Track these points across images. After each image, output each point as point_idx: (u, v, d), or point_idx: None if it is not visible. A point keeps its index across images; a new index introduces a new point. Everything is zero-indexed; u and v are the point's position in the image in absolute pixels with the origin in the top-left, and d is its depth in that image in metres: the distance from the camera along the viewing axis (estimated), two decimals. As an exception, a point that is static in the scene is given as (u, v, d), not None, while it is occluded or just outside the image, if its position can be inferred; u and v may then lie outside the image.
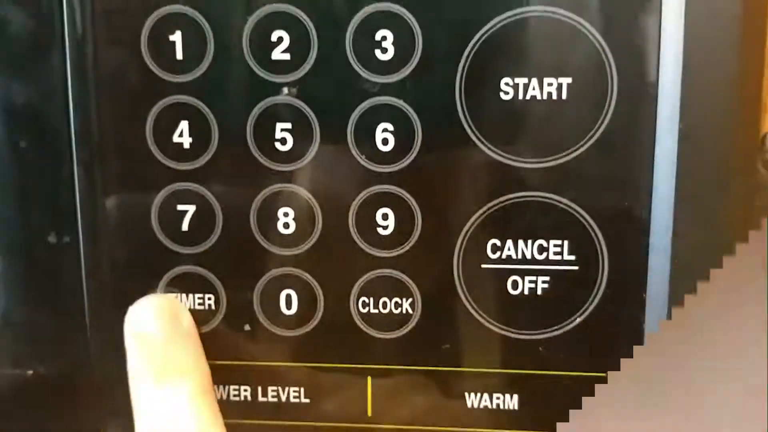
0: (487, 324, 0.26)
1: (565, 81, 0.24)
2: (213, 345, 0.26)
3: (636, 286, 0.25)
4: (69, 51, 0.25)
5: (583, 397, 0.23)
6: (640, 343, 0.25)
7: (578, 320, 0.25)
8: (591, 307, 0.25)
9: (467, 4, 0.24)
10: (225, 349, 0.26)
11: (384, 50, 0.24)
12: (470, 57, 0.24)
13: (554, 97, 0.24)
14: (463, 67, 0.24)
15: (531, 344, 0.26)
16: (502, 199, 0.25)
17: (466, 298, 0.25)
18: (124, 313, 0.26)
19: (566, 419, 0.25)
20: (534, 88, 0.24)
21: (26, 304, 0.27)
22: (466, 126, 0.24)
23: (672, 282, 0.25)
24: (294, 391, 0.27)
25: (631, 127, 0.24)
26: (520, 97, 0.24)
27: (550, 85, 0.24)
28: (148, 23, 0.25)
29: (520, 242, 0.25)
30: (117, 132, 0.25)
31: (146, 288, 0.26)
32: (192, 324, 0.26)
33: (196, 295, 0.26)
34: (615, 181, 0.24)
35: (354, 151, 0.25)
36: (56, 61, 0.25)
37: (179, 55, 0.25)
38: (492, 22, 0.24)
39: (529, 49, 0.24)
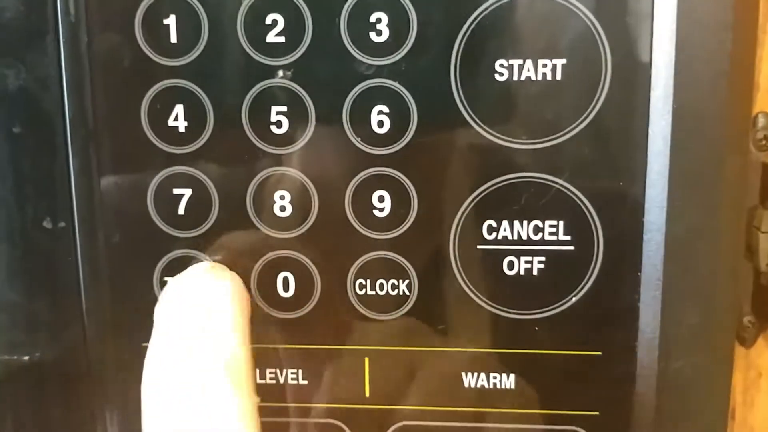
0: (483, 304, 0.26)
1: (560, 62, 0.24)
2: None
3: (631, 265, 0.25)
4: (62, 36, 0.25)
5: None
6: (636, 322, 0.26)
7: (574, 300, 0.26)
8: (587, 287, 0.26)
9: (462, -14, 0.24)
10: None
11: (379, 32, 0.24)
12: (465, 39, 0.24)
13: (549, 78, 0.24)
14: (458, 48, 0.24)
15: (527, 324, 0.26)
16: (497, 180, 0.25)
17: (463, 279, 0.26)
18: (120, 297, 0.27)
19: (561, 398, 0.26)
20: (529, 69, 0.24)
21: (22, 289, 0.27)
22: (461, 107, 0.25)
23: (666, 262, 0.25)
24: (292, 373, 0.27)
25: (625, 108, 0.25)
26: (515, 78, 0.24)
27: (544, 66, 0.24)
28: (142, 6, 0.25)
29: (516, 223, 0.26)
30: (111, 116, 0.26)
31: (143, 272, 0.27)
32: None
33: (193, 279, 0.26)
34: (609, 161, 0.25)
35: (349, 134, 0.25)
36: (50, 46, 0.25)
37: (173, 39, 0.25)
38: (486, 4, 0.24)
39: (523, 31, 0.24)
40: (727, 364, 0.27)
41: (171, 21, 0.25)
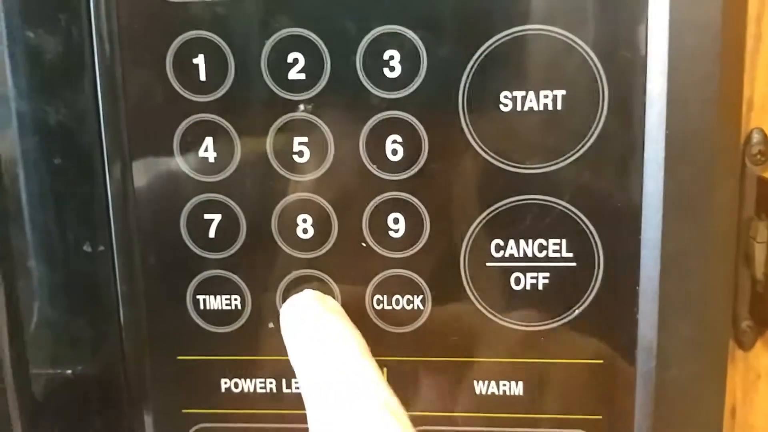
0: (492, 317, 0.29)
1: (560, 93, 0.27)
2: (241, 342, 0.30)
3: (629, 279, 0.28)
4: (99, 74, 0.28)
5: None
6: (635, 332, 0.28)
7: (577, 312, 0.29)
8: (588, 300, 0.28)
9: (468, 25, 0.27)
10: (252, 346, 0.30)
11: (392, 68, 0.27)
12: (472, 73, 0.27)
13: (550, 108, 0.27)
14: (466, 82, 0.27)
15: (534, 335, 0.29)
16: (504, 202, 0.28)
17: (473, 294, 0.29)
18: (156, 314, 0.30)
19: (566, 403, 0.29)
20: (531, 100, 0.27)
21: (65, 309, 0.30)
22: (469, 136, 0.28)
23: (662, 276, 0.28)
24: (316, 383, 0.30)
25: (622, 134, 0.27)
26: (519, 108, 0.27)
27: (545, 97, 0.27)
28: (173, 47, 0.28)
29: (522, 241, 0.28)
30: (146, 148, 0.29)
31: (177, 291, 0.30)
32: (337, 304, 0.28)
33: (224, 297, 0.29)
34: (608, 183, 0.28)
35: (366, 161, 0.28)
36: (87, 83, 0.28)
37: (203, 77, 0.28)
38: (491, 41, 0.27)
39: (525, 65, 0.27)
40: (721, 370, 0.29)
41: (200, 60, 0.28)
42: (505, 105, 0.27)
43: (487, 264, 0.29)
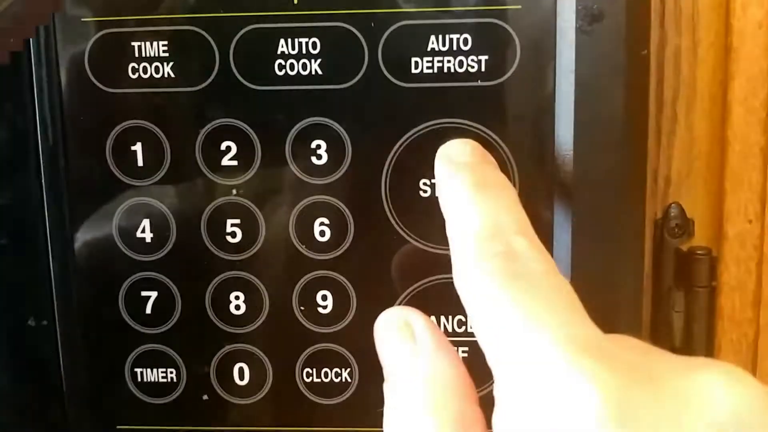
0: (416, 389, 0.31)
1: (475, 180, 0.29)
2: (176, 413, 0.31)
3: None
4: (43, 160, 0.30)
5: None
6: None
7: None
8: (506, 373, 0.30)
9: (388, 118, 0.29)
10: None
11: (319, 156, 0.29)
12: (393, 161, 0.29)
13: (466, 194, 0.29)
14: (387, 170, 0.29)
15: (455, 406, 0.31)
16: (425, 280, 0.30)
17: (397, 367, 0.31)
18: (96, 386, 0.32)
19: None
20: (448, 187, 0.29)
21: (10, 378, 0.32)
22: (391, 219, 0.30)
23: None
24: (251, 452, 0.32)
25: (533, 217, 0.29)
26: (436, 194, 0.29)
27: (461, 184, 0.29)
28: (112, 135, 0.30)
29: (442, 317, 0.30)
30: (87, 230, 0.31)
31: (115, 364, 0.31)
32: None
33: (160, 370, 0.31)
34: (522, 264, 0.30)
35: (295, 241, 0.30)
36: (32, 168, 0.30)
37: (140, 163, 0.30)
38: (410, 132, 0.29)
39: (442, 154, 0.29)
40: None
41: (138, 147, 0.30)
42: (424, 191, 0.29)
43: (410, 339, 0.30)
